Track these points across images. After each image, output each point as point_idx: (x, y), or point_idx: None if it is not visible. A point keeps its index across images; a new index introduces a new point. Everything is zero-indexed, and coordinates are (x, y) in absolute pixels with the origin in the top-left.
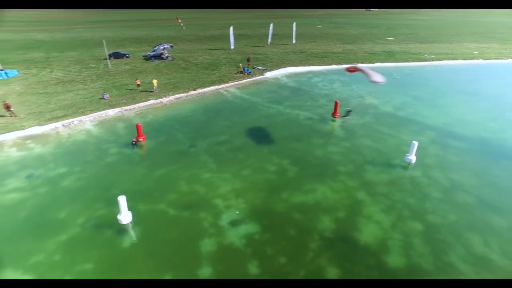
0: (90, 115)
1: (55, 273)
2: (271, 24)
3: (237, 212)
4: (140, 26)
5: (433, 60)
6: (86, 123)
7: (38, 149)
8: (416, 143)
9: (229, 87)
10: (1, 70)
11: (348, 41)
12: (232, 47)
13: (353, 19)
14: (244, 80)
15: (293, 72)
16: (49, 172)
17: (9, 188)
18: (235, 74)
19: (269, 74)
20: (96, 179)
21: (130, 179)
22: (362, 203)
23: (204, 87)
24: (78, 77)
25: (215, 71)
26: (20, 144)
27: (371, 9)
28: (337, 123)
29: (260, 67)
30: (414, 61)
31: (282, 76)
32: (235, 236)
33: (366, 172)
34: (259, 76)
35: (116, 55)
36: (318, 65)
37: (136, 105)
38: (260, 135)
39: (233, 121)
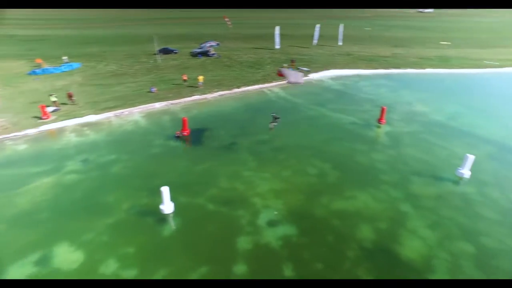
0: (139, 107)
1: (102, 252)
2: (318, 25)
3: (276, 212)
4: (188, 24)
5: (495, 67)
6: (134, 115)
7: (92, 136)
8: (471, 157)
9: (272, 87)
10: (67, 62)
11: (397, 44)
12: (277, 46)
13: (403, 21)
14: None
15: (338, 75)
16: (101, 158)
17: (68, 169)
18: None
19: (313, 76)
20: (141, 168)
21: (173, 171)
22: (406, 215)
23: (248, 85)
24: (129, 70)
25: (259, 70)
26: (79, 130)
27: (424, 11)
28: (383, 130)
29: (305, 68)
30: (472, 67)
31: (327, 78)
32: (272, 237)
33: (411, 183)
34: (303, 77)
35: (165, 51)
36: (365, 68)
37: (182, 100)
38: (301, 137)
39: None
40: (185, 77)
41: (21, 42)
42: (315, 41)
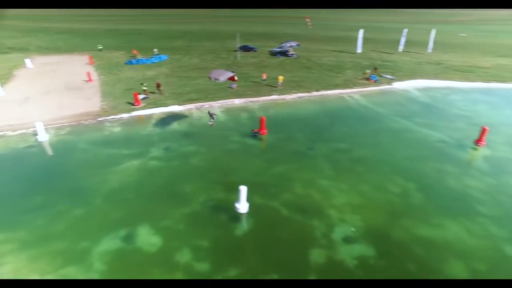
0: (219, 101)
1: (178, 240)
2: (405, 29)
3: (353, 229)
4: (269, 23)
5: None
6: (214, 109)
7: (175, 125)
8: None
9: (353, 93)
10: (157, 54)
11: (502, 53)
12: (359, 51)
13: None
14: (369, 88)
15: (426, 86)
16: (181, 148)
17: (152, 155)
18: (360, 80)
19: (397, 85)
20: (218, 163)
21: (249, 169)
22: None
23: (327, 89)
24: (211, 65)
25: (339, 74)
26: (163, 118)
27: None
28: (480, 153)
29: (388, 76)
30: None
31: (412, 88)
32: (347, 254)
33: None
34: (386, 85)
35: (245, 48)
36: (458, 80)
37: (260, 98)
38: (382, 150)
39: (354, 130)
40: (264, 76)
41: (121, 35)
42: (401, 47)
